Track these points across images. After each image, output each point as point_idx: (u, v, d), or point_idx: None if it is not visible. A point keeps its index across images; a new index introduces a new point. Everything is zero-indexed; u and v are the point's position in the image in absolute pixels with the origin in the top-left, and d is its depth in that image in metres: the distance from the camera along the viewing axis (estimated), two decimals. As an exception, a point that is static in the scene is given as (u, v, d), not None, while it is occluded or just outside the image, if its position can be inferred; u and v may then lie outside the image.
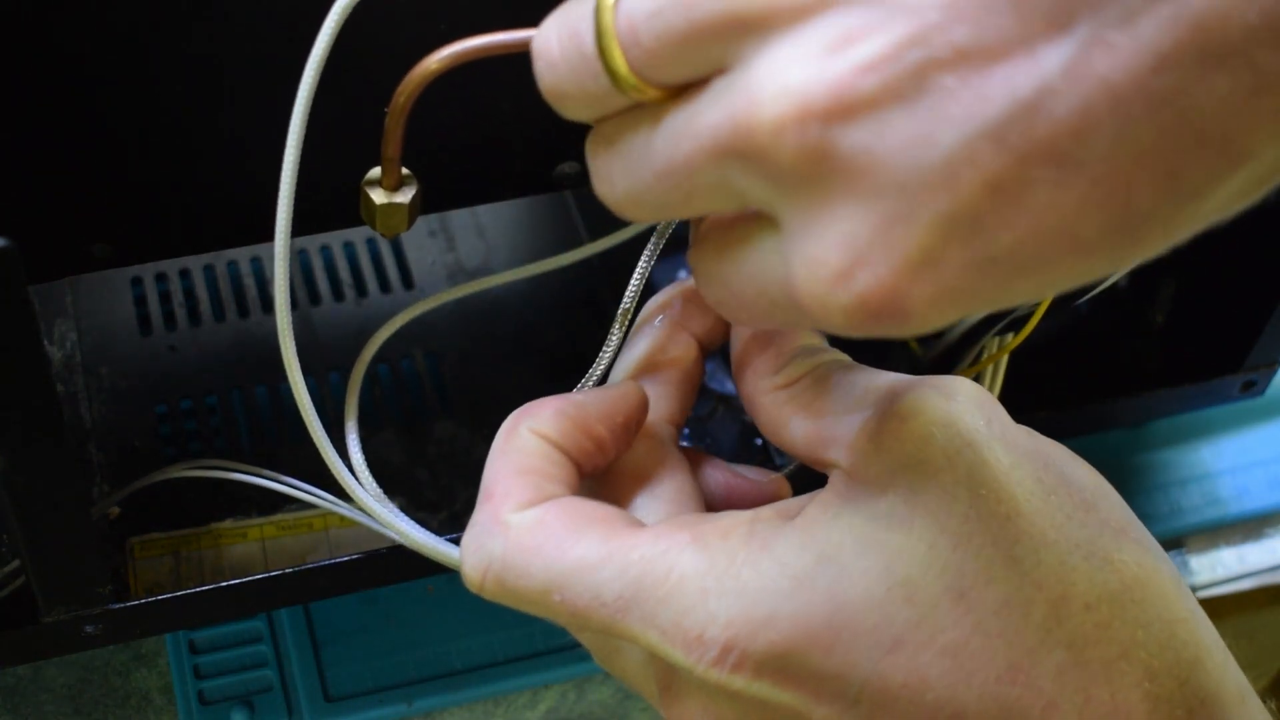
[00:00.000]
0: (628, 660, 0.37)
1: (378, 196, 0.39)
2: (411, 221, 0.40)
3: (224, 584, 0.47)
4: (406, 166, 0.39)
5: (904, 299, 0.26)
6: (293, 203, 0.38)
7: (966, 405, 0.34)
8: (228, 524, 0.51)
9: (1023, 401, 0.51)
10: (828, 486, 0.34)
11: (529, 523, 0.34)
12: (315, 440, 0.42)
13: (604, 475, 0.38)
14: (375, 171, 0.40)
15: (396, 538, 0.45)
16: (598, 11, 0.28)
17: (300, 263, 0.61)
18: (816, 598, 0.31)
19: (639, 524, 0.35)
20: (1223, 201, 0.25)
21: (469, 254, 0.62)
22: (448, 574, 0.48)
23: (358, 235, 0.62)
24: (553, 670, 0.56)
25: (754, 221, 0.29)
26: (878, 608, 0.31)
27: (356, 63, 0.39)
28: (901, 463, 0.33)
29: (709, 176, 0.27)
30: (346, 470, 0.44)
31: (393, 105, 0.36)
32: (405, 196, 0.39)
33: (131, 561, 0.50)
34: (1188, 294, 0.60)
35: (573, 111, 0.30)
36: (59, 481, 0.40)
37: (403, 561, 0.48)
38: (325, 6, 0.36)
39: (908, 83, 0.24)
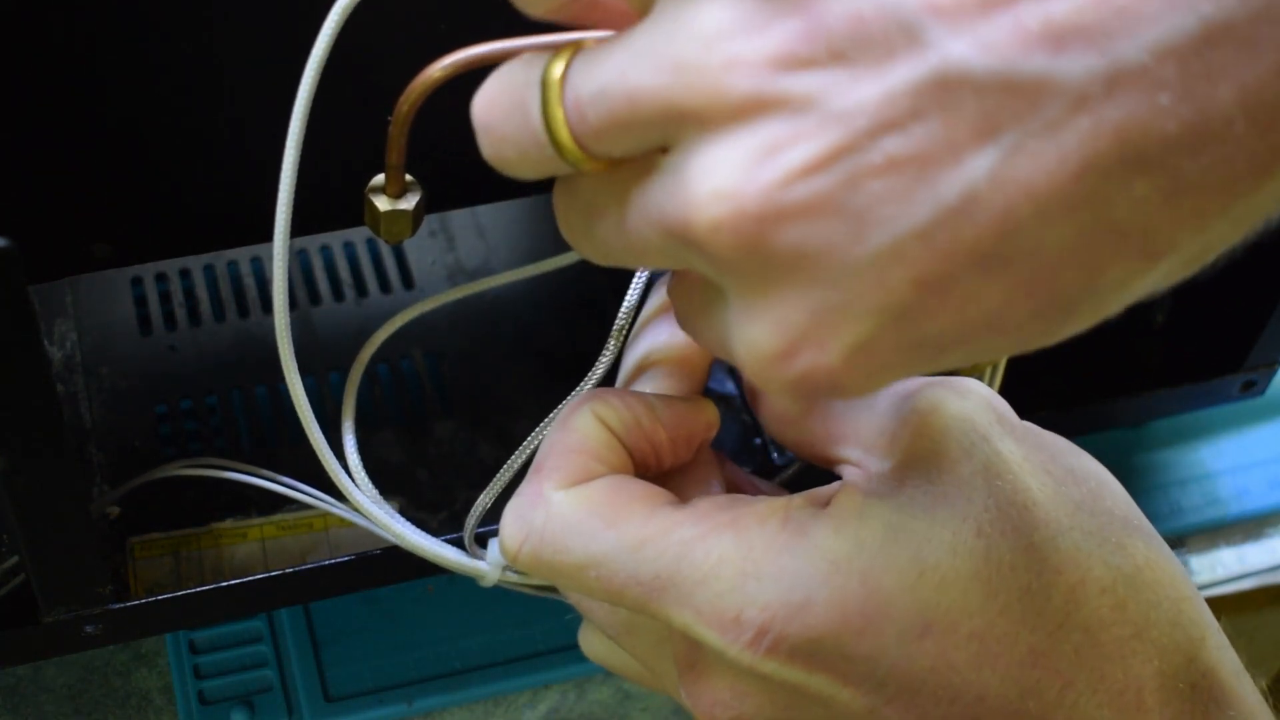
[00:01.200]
0: (641, 637, 0.37)
1: (381, 204, 0.39)
2: (416, 228, 0.40)
3: (224, 584, 0.47)
4: (407, 166, 0.39)
5: (838, 378, 0.27)
6: (291, 204, 0.38)
7: (979, 403, 0.35)
8: (228, 524, 0.51)
9: (1023, 401, 0.51)
10: (847, 481, 0.35)
11: (572, 500, 0.35)
12: (313, 443, 0.42)
13: None
14: (379, 178, 0.39)
15: (393, 539, 0.45)
16: (544, 88, 0.29)
17: (300, 263, 0.61)
18: (851, 584, 0.32)
19: (678, 504, 0.35)
20: (1149, 284, 0.26)
21: (469, 254, 0.62)
22: (448, 574, 0.48)
23: (358, 235, 0.62)
24: (553, 670, 0.56)
25: (711, 284, 0.30)
26: (909, 594, 0.32)
27: (357, 63, 0.39)
28: (918, 456, 0.34)
29: (663, 250, 0.29)
30: (344, 473, 0.44)
31: (396, 113, 0.36)
32: (409, 203, 0.39)
33: (131, 561, 0.50)
34: (1188, 294, 0.59)
35: (513, 172, 0.31)
36: (59, 482, 0.40)
37: (403, 561, 0.48)
38: (326, 7, 0.36)
39: (838, 188, 0.25)
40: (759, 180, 0.26)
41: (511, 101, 0.30)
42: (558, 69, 0.29)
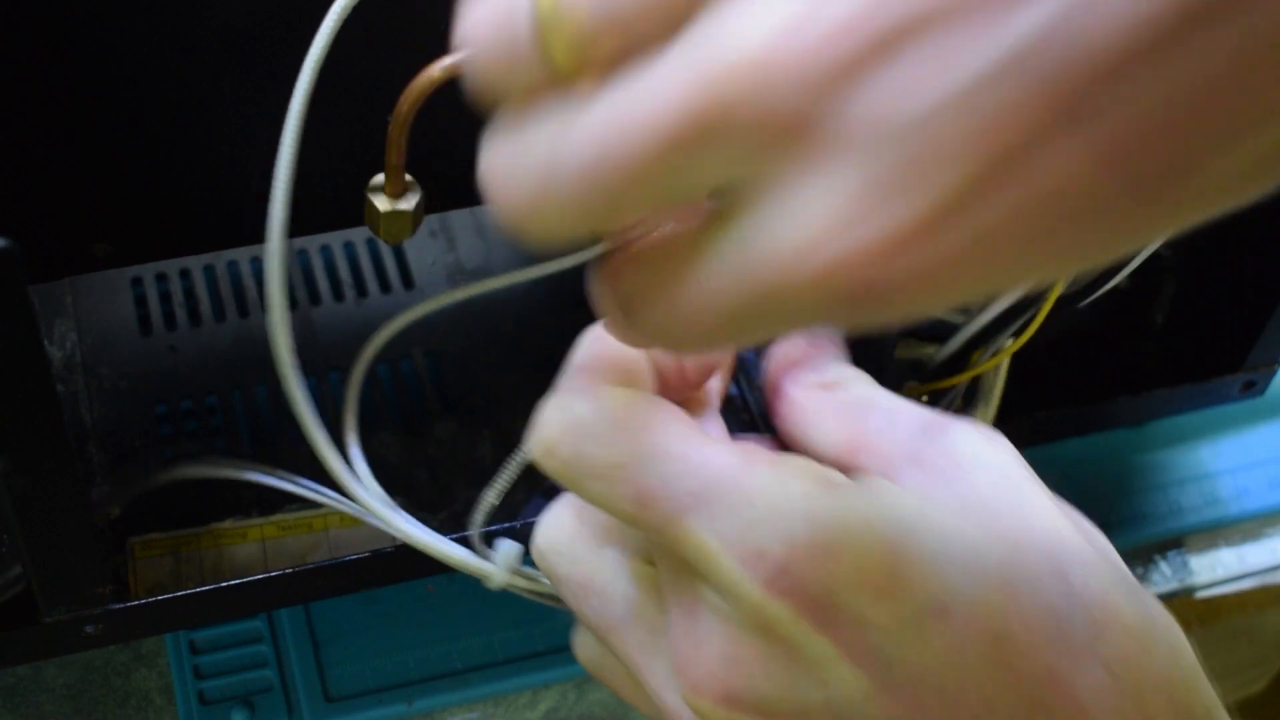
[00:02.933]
0: (634, 632, 0.36)
1: (381, 204, 0.39)
2: (415, 228, 0.40)
3: (224, 584, 0.47)
4: (407, 166, 0.39)
5: (893, 268, 0.23)
6: (288, 205, 0.38)
7: (1009, 451, 0.35)
8: (228, 524, 0.51)
9: (1023, 401, 0.52)
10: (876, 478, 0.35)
11: (623, 395, 0.34)
12: (312, 440, 0.42)
13: None
14: (379, 178, 0.40)
15: (401, 537, 0.45)
16: None
17: (300, 263, 0.61)
18: (879, 546, 0.31)
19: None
20: (1229, 177, 0.22)
21: (469, 254, 0.62)
22: (448, 574, 0.48)
23: (358, 235, 0.62)
24: (553, 670, 0.56)
25: (708, 221, 0.26)
26: (931, 568, 0.31)
27: (356, 62, 0.39)
28: (947, 478, 0.34)
29: (661, 164, 0.24)
30: (347, 470, 0.44)
31: (396, 113, 0.36)
32: (409, 203, 0.39)
33: (131, 561, 0.50)
34: (1188, 294, 0.60)
35: (499, 91, 0.26)
36: (60, 482, 0.40)
37: (403, 561, 0.48)
38: (326, 6, 0.36)
39: (894, 34, 0.21)
40: (806, 36, 0.22)
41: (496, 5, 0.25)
42: None
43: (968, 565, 0.31)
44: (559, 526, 0.38)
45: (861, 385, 0.39)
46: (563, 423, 0.34)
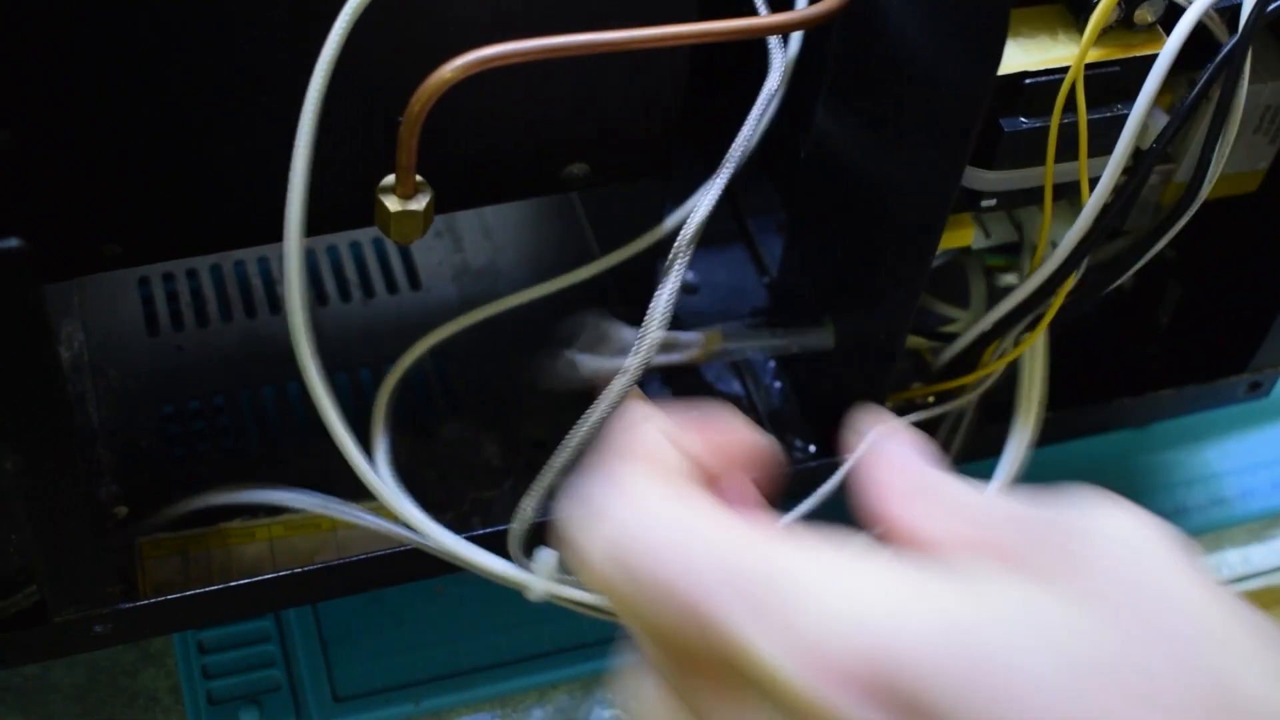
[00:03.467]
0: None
1: (392, 204, 0.39)
2: (425, 229, 0.40)
3: (232, 584, 0.47)
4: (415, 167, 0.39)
5: None
6: (304, 206, 0.38)
7: (1155, 528, 0.31)
8: (236, 524, 0.52)
9: (1029, 402, 0.52)
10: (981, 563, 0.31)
11: (665, 497, 0.31)
12: (347, 455, 0.43)
13: None
14: (389, 179, 0.40)
15: (436, 551, 0.45)
16: None
17: (307, 263, 0.61)
18: (963, 643, 0.27)
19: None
20: None
21: (475, 254, 0.62)
22: (455, 574, 0.48)
23: (364, 236, 0.62)
24: (560, 670, 0.56)
25: None
26: (1044, 685, 0.27)
27: (364, 64, 0.39)
28: (1078, 563, 0.30)
29: None
30: (394, 483, 0.44)
31: (407, 115, 0.37)
32: (419, 204, 0.39)
33: (140, 561, 0.50)
34: (1193, 296, 0.60)
35: None
36: (69, 482, 0.40)
37: (411, 561, 0.48)
38: (336, 8, 0.37)
39: None
40: None
41: None
42: None
43: (1086, 669, 0.27)
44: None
45: (958, 483, 0.35)
46: (604, 538, 0.30)
